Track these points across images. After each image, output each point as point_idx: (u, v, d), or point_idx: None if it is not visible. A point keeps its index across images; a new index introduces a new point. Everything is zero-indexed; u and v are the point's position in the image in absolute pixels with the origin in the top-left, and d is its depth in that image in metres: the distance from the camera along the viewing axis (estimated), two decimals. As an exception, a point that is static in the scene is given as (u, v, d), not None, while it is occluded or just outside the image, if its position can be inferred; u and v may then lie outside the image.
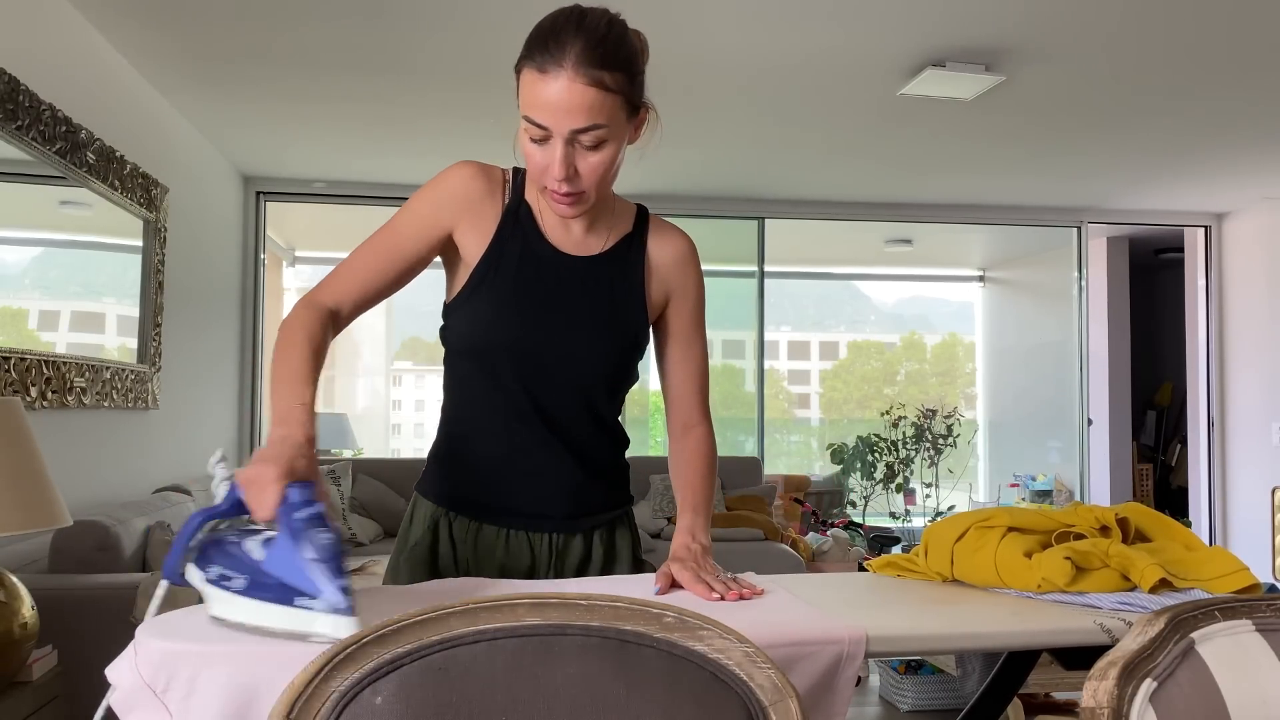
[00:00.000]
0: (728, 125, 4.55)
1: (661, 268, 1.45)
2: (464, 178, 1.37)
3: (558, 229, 1.40)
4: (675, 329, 1.48)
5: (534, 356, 1.36)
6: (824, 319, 9.66)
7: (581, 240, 1.41)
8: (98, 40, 3.44)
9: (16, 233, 2.97)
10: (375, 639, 0.84)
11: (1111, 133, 4.63)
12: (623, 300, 1.41)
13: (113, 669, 1.00)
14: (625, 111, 1.29)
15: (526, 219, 1.39)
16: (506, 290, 1.36)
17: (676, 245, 1.47)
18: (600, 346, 1.39)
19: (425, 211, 1.36)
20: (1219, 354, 6.52)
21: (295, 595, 0.97)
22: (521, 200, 1.40)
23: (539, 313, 1.36)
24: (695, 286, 1.49)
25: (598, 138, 1.25)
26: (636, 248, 1.44)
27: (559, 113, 1.23)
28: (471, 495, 1.42)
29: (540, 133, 1.25)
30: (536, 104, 1.24)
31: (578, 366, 1.38)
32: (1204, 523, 6.52)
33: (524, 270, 1.37)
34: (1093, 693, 0.92)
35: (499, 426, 1.40)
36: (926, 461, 7.35)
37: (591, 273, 1.40)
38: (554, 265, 1.39)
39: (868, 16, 3.28)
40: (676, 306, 1.47)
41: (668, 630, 0.87)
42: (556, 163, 1.25)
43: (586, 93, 1.22)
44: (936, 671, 3.78)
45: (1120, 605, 1.21)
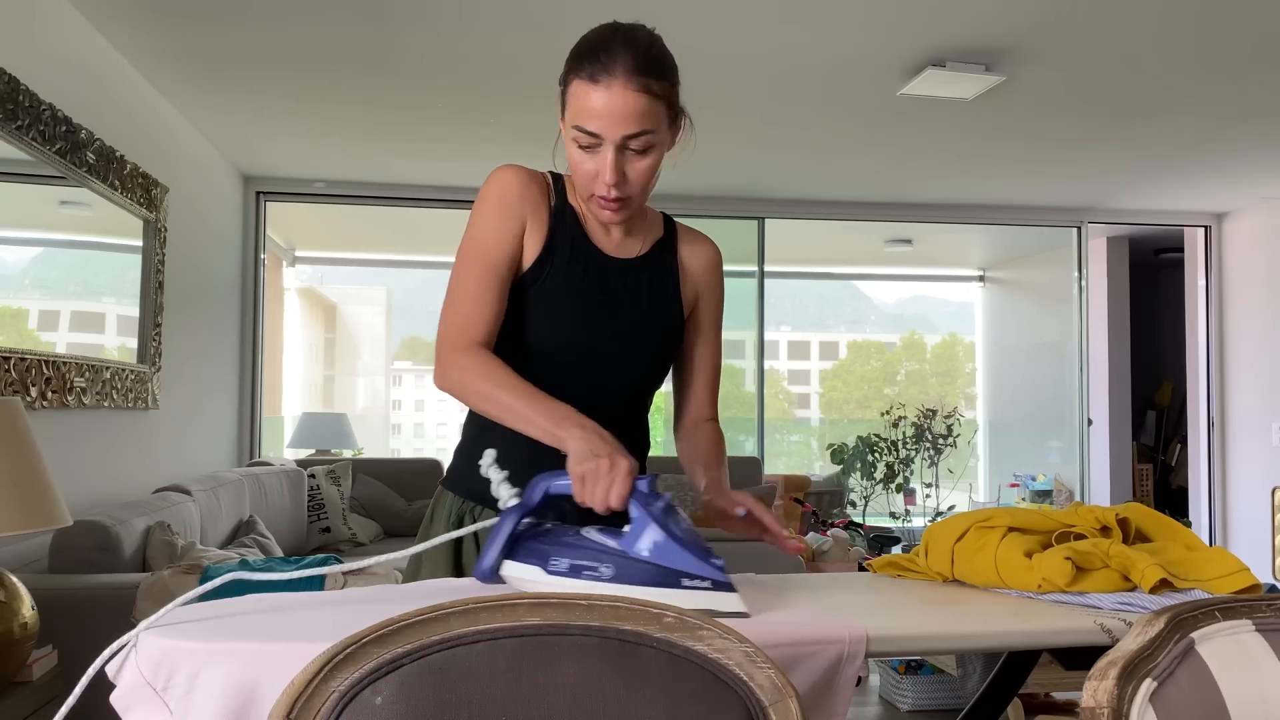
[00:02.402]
0: (728, 125, 4.55)
1: (693, 271, 1.52)
2: (521, 179, 1.41)
3: (599, 233, 1.45)
4: (697, 333, 1.54)
5: (580, 356, 1.40)
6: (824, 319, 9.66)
7: (621, 244, 1.46)
8: (98, 40, 3.44)
9: (16, 233, 2.97)
10: (375, 639, 0.84)
11: (1111, 133, 4.63)
12: (661, 302, 1.47)
13: (113, 667, 1.00)
14: (668, 119, 1.35)
15: (573, 222, 1.43)
16: (559, 291, 1.40)
17: (706, 251, 1.54)
18: (642, 348, 1.45)
19: (500, 219, 1.38)
20: (1219, 354, 6.52)
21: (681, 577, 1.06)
22: (566, 204, 1.44)
23: (588, 314, 1.41)
24: (720, 291, 1.56)
25: (646, 143, 1.31)
26: (670, 252, 1.50)
27: (612, 120, 1.28)
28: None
29: (591, 140, 1.30)
30: (588, 112, 1.29)
31: (621, 367, 1.43)
32: (1204, 523, 6.51)
33: (573, 270, 1.41)
34: (1093, 693, 0.92)
35: None
36: (926, 461, 7.35)
37: (634, 275, 1.46)
38: (600, 267, 1.43)
39: (868, 16, 3.28)
40: (703, 309, 1.54)
41: (668, 630, 0.87)
42: (608, 168, 1.30)
43: (638, 100, 1.28)
44: (936, 671, 3.78)
45: (1120, 605, 1.21)
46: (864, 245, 7.84)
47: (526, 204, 1.40)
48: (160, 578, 2.63)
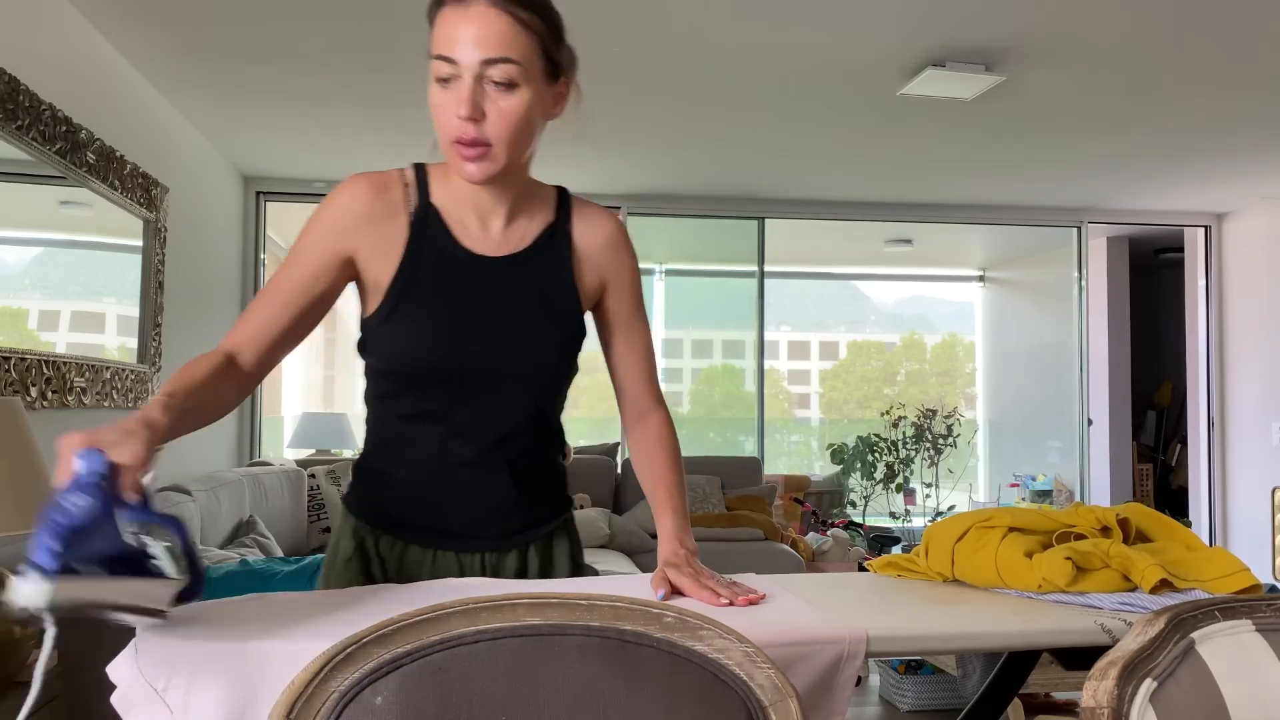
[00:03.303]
0: (728, 125, 4.55)
1: (590, 254, 1.38)
2: (355, 197, 1.28)
3: (474, 230, 1.32)
4: (615, 317, 1.42)
5: (463, 373, 1.29)
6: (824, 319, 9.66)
7: (501, 238, 1.33)
8: (98, 40, 3.44)
9: (16, 233, 2.97)
10: (375, 639, 0.84)
11: (1111, 133, 4.63)
12: (552, 296, 1.34)
13: (114, 667, 1.00)
14: (542, 64, 1.23)
15: (437, 225, 1.30)
16: (426, 307, 1.28)
17: (604, 229, 1.39)
18: (534, 350, 1.32)
19: (320, 241, 1.27)
20: (1219, 354, 6.52)
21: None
22: (429, 205, 1.31)
23: (464, 327, 1.29)
24: (630, 270, 1.43)
25: (509, 75, 1.19)
26: (561, 236, 1.36)
27: (469, 42, 1.17)
28: (396, 514, 1.36)
29: (449, 69, 1.18)
30: (447, 37, 1.19)
31: (512, 376, 1.31)
32: (1204, 523, 6.52)
33: (443, 283, 1.29)
34: (1093, 693, 0.92)
35: (427, 446, 1.33)
36: (926, 461, 7.35)
37: (516, 273, 1.32)
38: (474, 272, 1.30)
39: (868, 16, 3.28)
40: (613, 293, 1.41)
41: (668, 630, 0.87)
42: (464, 100, 1.18)
43: (500, 20, 1.18)
44: (937, 671, 3.78)
45: (1121, 605, 1.21)
46: (864, 245, 7.85)
47: (365, 227, 1.27)
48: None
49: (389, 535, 1.36)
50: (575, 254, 1.37)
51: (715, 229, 6.34)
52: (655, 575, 1.24)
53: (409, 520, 1.35)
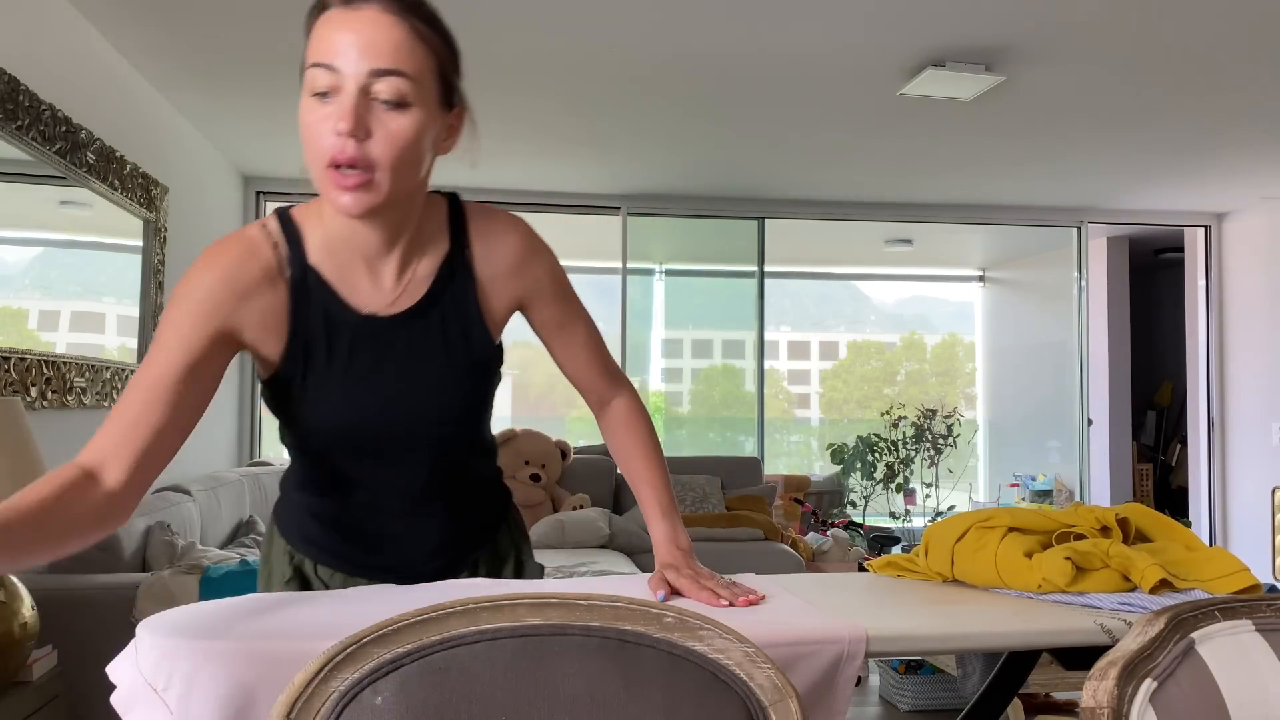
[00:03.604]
0: (728, 125, 4.55)
1: (496, 281, 1.23)
2: (222, 273, 1.10)
3: (363, 285, 1.16)
4: (545, 325, 1.31)
5: (376, 441, 1.21)
6: (824, 319, 9.65)
7: (393, 291, 1.18)
8: (98, 40, 3.44)
9: (16, 233, 2.97)
10: (375, 639, 0.84)
11: (1111, 133, 4.63)
12: (460, 339, 1.21)
13: (114, 667, 1.00)
14: (437, 88, 1.09)
15: (319, 288, 1.15)
16: (324, 384, 1.16)
17: (507, 251, 1.24)
18: (449, 403, 1.22)
19: (190, 327, 1.09)
20: (1219, 354, 6.52)
21: None
22: (306, 266, 1.15)
23: (368, 397, 1.17)
24: (546, 277, 1.28)
25: (399, 93, 1.03)
26: (461, 271, 1.21)
27: (355, 48, 1.02)
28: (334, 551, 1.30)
29: (327, 80, 1.03)
30: (328, 42, 1.03)
31: (428, 431, 1.22)
32: (1204, 523, 6.52)
33: (337, 355, 1.16)
34: (1093, 693, 0.92)
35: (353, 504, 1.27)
36: (926, 461, 7.35)
37: (416, 328, 1.19)
38: (370, 336, 1.17)
39: (868, 16, 3.28)
40: (535, 306, 1.29)
41: (668, 630, 0.87)
42: (345, 114, 1.01)
43: (395, 28, 1.03)
44: (936, 671, 3.78)
45: (1121, 605, 1.21)
46: (864, 245, 7.84)
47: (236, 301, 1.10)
48: (160, 578, 2.63)
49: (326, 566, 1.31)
50: (479, 285, 1.22)
51: (715, 229, 6.33)
52: (653, 577, 1.24)
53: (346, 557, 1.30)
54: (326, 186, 1.05)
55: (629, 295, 5.99)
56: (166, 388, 1.07)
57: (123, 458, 1.03)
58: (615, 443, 1.37)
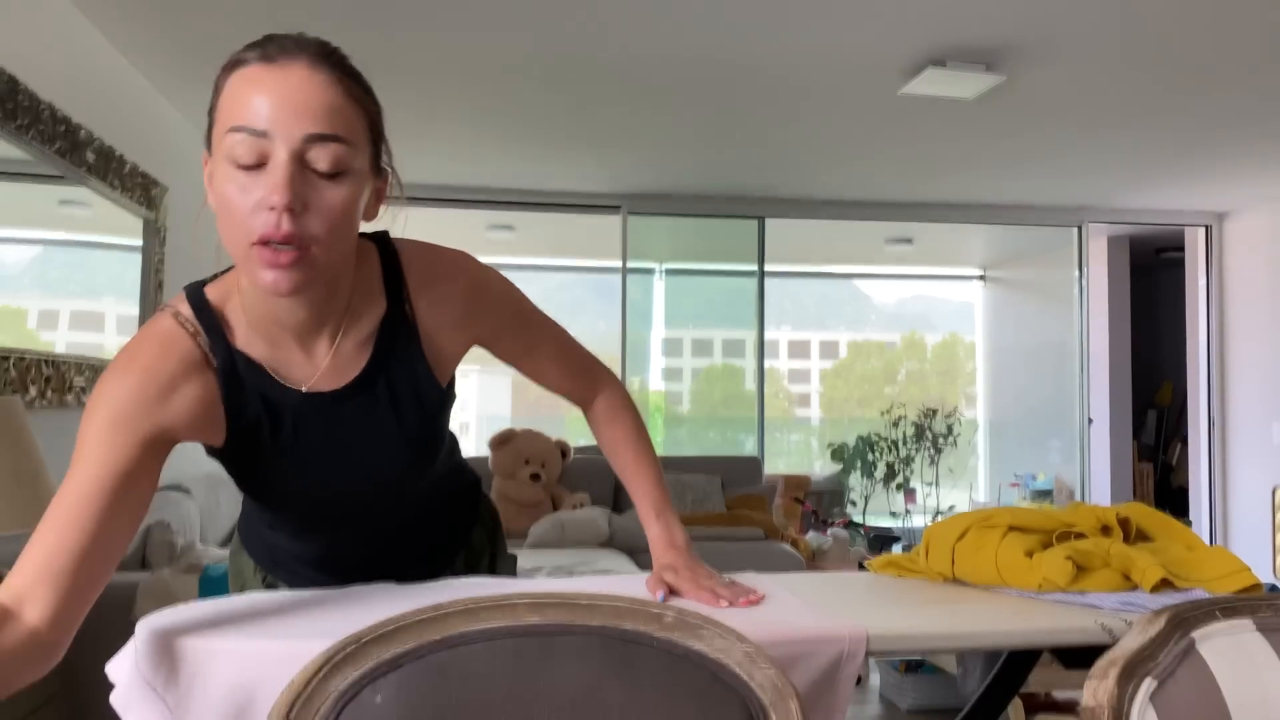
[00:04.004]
0: (728, 125, 4.55)
1: (444, 330, 1.14)
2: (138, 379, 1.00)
3: (297, 361, 1.08)
4: (512, 357, 1.25)
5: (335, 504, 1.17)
6: (824, 319, 9.65)
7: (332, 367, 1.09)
8: (98, 40, 3.44)
9: (16, 232, 2.97)
10: (375, 639, 0.84)
11: (1111, 133, 4.63)
12: (410, 400, 1.13)
13: (113, 666, 1.00)
14: (370, 151, 1.01)
15: (251, 373, 1.06)
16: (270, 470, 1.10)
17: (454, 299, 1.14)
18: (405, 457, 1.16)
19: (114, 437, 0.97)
20: (1219, 353, 6.52)
21: None
22: (233, 351, 1.05)
23: (321, 469, 1.12)
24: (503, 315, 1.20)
25: (338, 160, 0.94)
26: (403, 331, 1.11)
27: (288, 110, 0.92)
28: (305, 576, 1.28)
29: (255, 147, 0.92)
30: (251, 104, 0.93)
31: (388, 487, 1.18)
32: (1204, 522, 6.52)
33: (281, 434, 1.08)
34: (1093, 692, 0.92)
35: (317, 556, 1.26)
36: (927, 461, 7.35)
37: (360, 399, 1.11)
38: (313, 414, 1.09)
39: (868, 16, 3.28)
40: (497, 344, 1.22)
41: (668, 630, 0.87)
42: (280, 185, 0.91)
43: (330, 89, 0.95)
44: (937, 671, 3.78)
45: (1121, 605, 1.21)
46: (864, 245, 7.84)
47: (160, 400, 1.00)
48: (160, 577, 2.63)
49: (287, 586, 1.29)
50: (424, 339, 1.13)
51: (715, 229, 6.33)
52: (651, 577, 1.23)
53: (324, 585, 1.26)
54: (253, 264, 0.94)
55: (629, 295, 5.98)
56: (92, 501, 0.94)
57: (44, 588, 0.90)
58: (602, 440, 1.34)
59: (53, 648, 0.90)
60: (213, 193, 0.97)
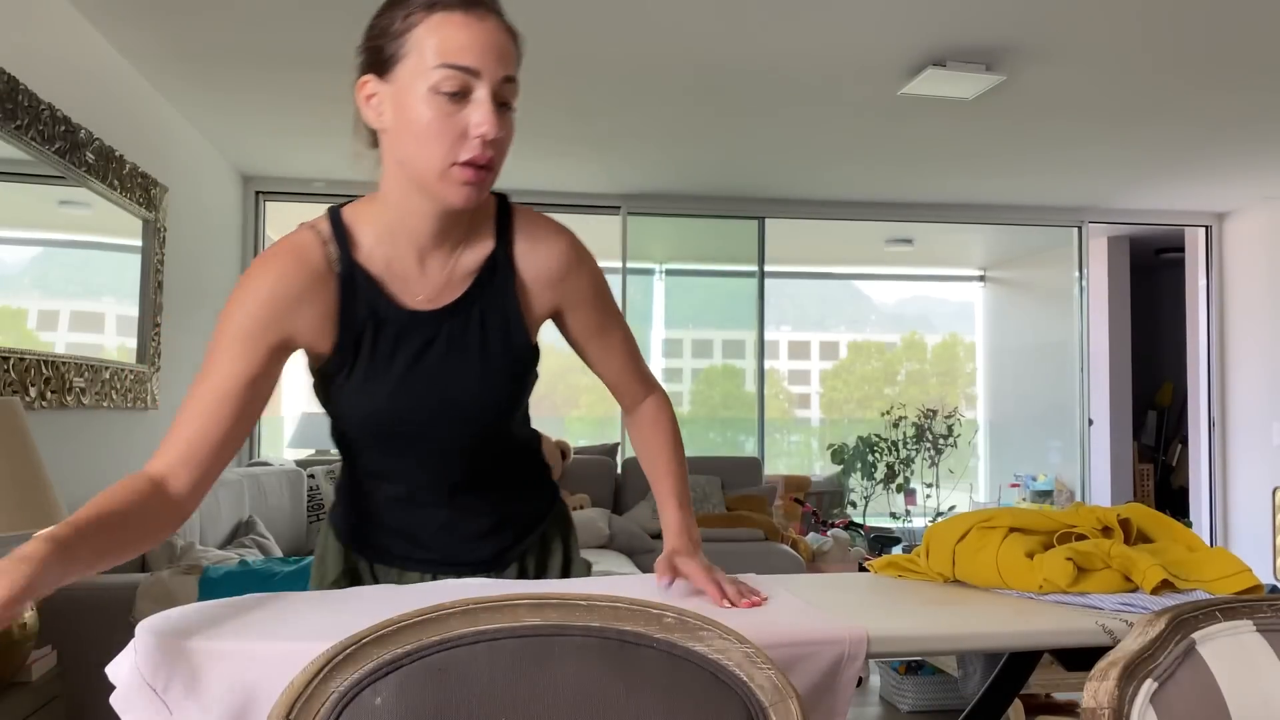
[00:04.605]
0: (728, 125, 4.55)
1: (538, 284, 1.27)
2: (276, 282, 1.16)
3: (410, 279, 1.22)
4: (585, 335, 1.35)
5: (417, 431, 1.26)
6: (824, 319, 9.65)
7: (440, 283, 1.23)
8: (98, 40, 3.44)
9: (16, 233, 2.97)
10: (375, 639, 0.84)
11: (1111, 133, 4.63)
12: (498, 335, 1.25)
13: (113, 667, 1.00)
14: None
15: (366, 285, 1.20)
16: (368, 376, 1.22)
17: (551, 258, 1.27)
18: (485, 395, 1.26)
19: (246, 337, 1.15)
20: (1219, 354, 6.52)
21: None
22: (354, 264, 1.20)
23: (409, 388, 1.23)
24: (588, 288, 1.31)
25: (515, 97, 1.15)
26: (504, 268, 1.25)
27: (492, 53, 1.10)
28: (384, 546, 1.36)
29: (463, 81, 1.08)
30: (462, 45, 1.08)
31: (466, 422, 1.27)
32: (1205, 523, 6.51)
33: (381, 348, 1.21)
34: (1094, 693, 0.92)
35: (397, 496, 1.33)
36: (927, 462, 7.35)
37: (456, 322, 1.23)
38: (413, 329, 1.22)
39: (868, 16, 3.28)
40: (573, 315, 1.32)
41: (668, 630, 0.87)
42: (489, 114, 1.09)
43: (509, 39, 1.14)
44: (937, 672, 3.78)
45: (1122, 606, 1.20)
46: (864, 245, 7.84)
47: (288, 308, 1.16)
48: (159, 578, 2.63)
49: (383, 564, 1.36)
50: (520, 284, 1.27)
51: (715, 229, 6.33)
52: (661, 560, 1.25)
53: (400, 553, 1.35)
54: (449, 181, 1.11)
55: (629, 295, 5.98)
56: (228, 400, 1.14)
57: (188, 469, 1.11)
58: (642, 437, 1.41)
59: (184, 515, 1.12)
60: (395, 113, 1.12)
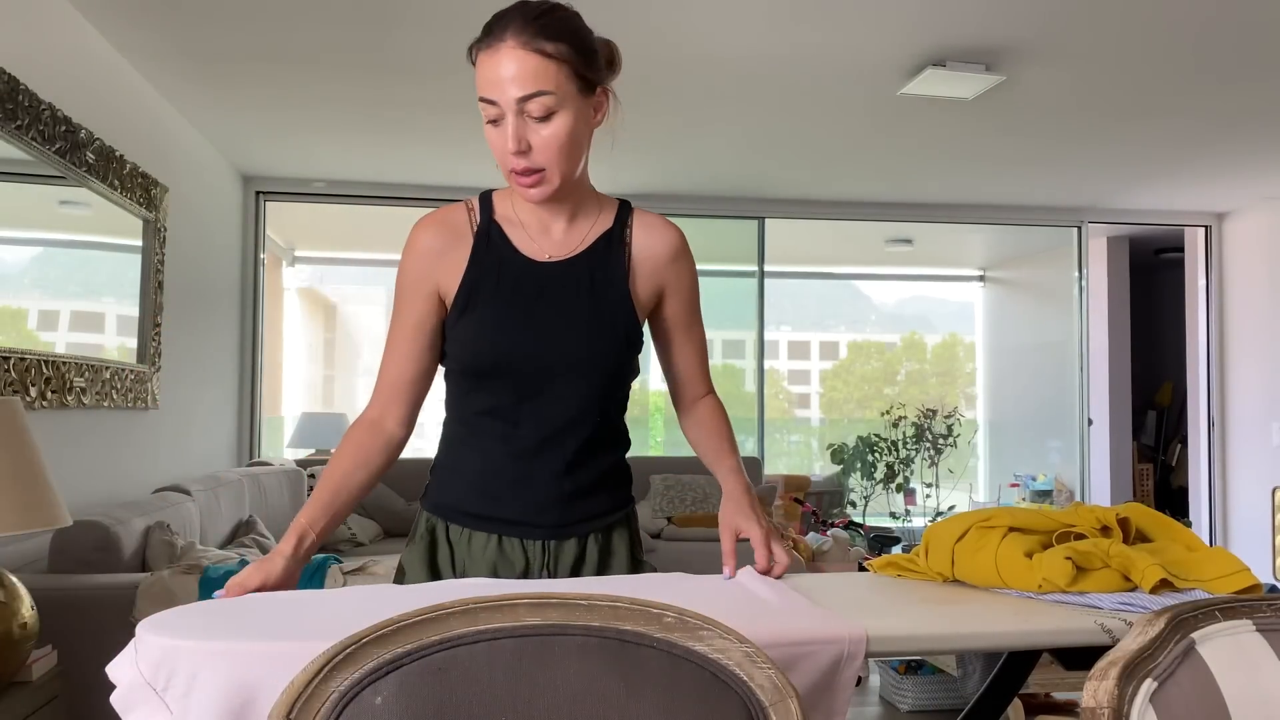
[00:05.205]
0: (728, 125, 4.55)
1: (649, 262, 1.45)
2: (426, 237, 1.41)
3: (534, 239, 1.42)
4: (674, 323, 1.50)
5: (522, 369, 1.38)
6: (824, 319, 9.66)
7: (560, 243, 1.42)
8: (98, 40, 3.44)
9: (16, 233, 2.97)
10: (375, 639, 0.84)
11: (1111, 133, 4.63)
12: (604, 297, 1.41)
13: (113, 667, 1.00)
14: (576, 85, 1.30)
15: (498, 237, 1.41)
16: (487, 310, 1.38)
17: (665, 240, 1.47)
18: (587, 347, 1.39)
19: (409, 288, 1.41)
20: (1219, 354, 6.52)
21: None
22: (491, 222, 1.42)
23: (521, 326, 1.38)
24: (689, 278, 1.51)
25: (545, 106, 1.27)
26: (617, 244, 1.44)
27: (503, 82, 1.26)
28: (460, 504, 1.43)
29: (494, 111, 1.29)
30: (484, 80, 1.28)
31: (567, 371, 1.39)
32: (1204, 523, 6.51)
33: (502, 287, 1.39)
34: (1093, 693, 0.92)
35: (490, 438, 1.41)
36: (927, 461, 7.35)
37: (571, 274, 1.41)
38: (530, 275, 1.40)
39: (868, 16, 3.28)
40: (672, 301, 1.49)
41: (668, 630, 0.87)
42: (509, 136, 1.28)
43: (527, 59, 1.26)
44: (937, 671, 3.78)
45: (1121, 605, 1.21)
46: (864, 245, 7.84)
47: (438, 261, 1.40)
48: (160, 578, 2.63)
49: (456, 524, 1.44)
50: (631, 260, 1.44)
51: (715, 229, 6.33)
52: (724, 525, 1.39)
53: (473, 510, 1.43)
54: (514, 185, 1.34)
55: (629, 295, 5.98)
56: (411, 340, 1.41)
57: (397, 406, 1.42)
58: (703, 425, 1.53)
59: (403, 442, 1.44)
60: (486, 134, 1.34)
